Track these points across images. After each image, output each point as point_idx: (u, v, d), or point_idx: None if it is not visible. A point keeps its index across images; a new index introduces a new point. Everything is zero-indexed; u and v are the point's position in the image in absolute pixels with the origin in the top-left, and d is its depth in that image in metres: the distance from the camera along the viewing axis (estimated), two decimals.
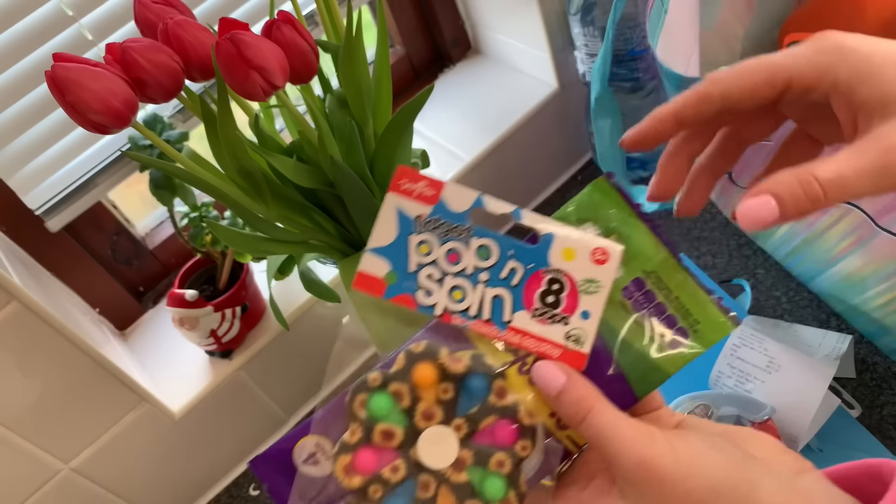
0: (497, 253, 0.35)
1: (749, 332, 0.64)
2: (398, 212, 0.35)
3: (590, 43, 0.78)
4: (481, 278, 0.35)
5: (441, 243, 0.35)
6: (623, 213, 0.37)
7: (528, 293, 0.35)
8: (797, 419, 0.60)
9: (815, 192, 0.28)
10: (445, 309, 0.34)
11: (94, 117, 0.45)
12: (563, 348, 0.34)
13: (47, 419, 0.64)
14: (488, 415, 0.34)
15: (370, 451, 0.33)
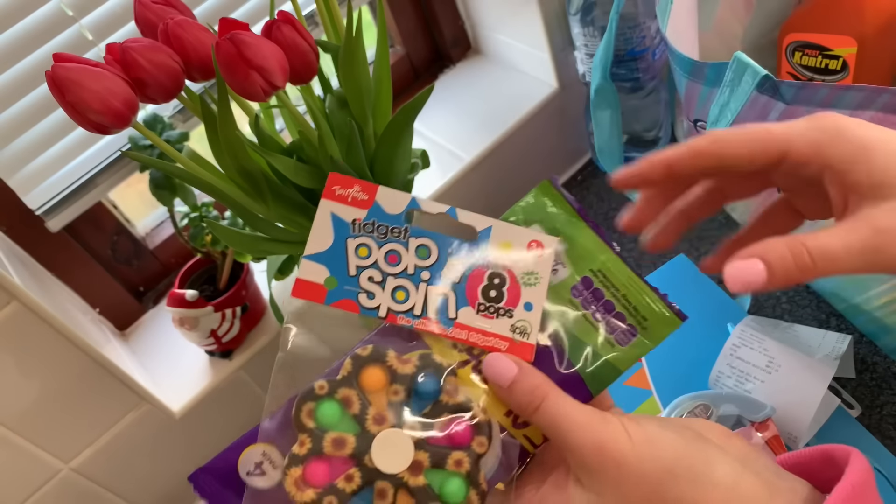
0: (436, 252, 0.35)
1: (749, 332, 0.64)
2: (333, 217, 0.35)
3: (590, 43, 0.78)
4: (423, 277, 0.35)
5: (380, 245, 0.35)
6: (567, 215, 0.38)
7: (471, 289, 0.35)
8: (797, 419, 0.60)
9: (805, 262, 0.29)
10: (389, 310, 0.34)
11: (94, 117, 0.45)
12: (511, 341, 0.34)
13: (47, 419, 0.64)
14: (441, 414, 0.33)
15: (322, 461, 0.32)
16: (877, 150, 0.29)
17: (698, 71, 0.58)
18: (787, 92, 0.52)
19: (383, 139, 0.54)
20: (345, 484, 0.31)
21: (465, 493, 0.32)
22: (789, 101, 0.53)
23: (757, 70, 0.51)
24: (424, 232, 0.35)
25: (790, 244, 0.29)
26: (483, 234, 0.36)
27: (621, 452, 0.30)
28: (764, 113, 0.56)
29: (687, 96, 0.63)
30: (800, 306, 0.72)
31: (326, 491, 0.31)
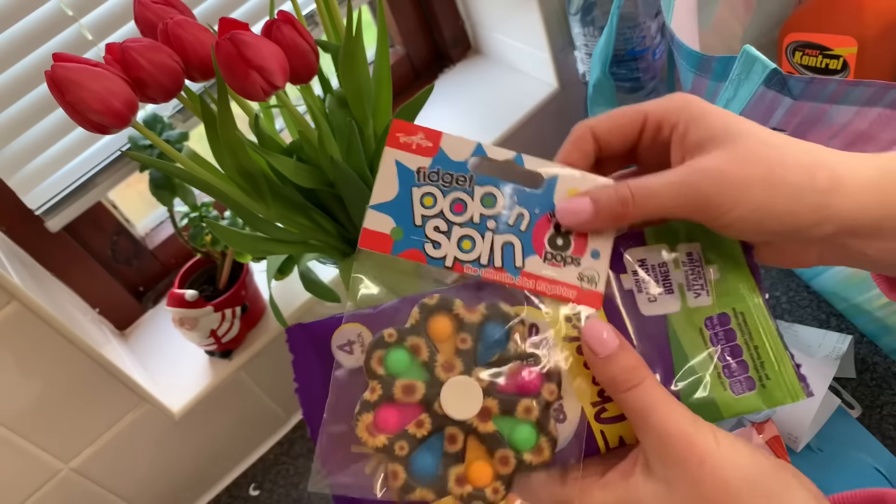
0: (503, 200, 0.34)
1: None
2: (398, 165, 0.34)
3: (590, 43, 0.78)
4: (489, 226, 0.34)
5: (445, 194, 0.34)
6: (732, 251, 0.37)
7: (538, 238, 0.34)
8: (797, 419, 0.60)
9: (626, 195, 0.32)
10: (456, 259, 0.34)
11: (93, 117, 0.45)
12: (578, 289, 0.34)
13: (47, 419, 0.64)
14: (510, 362, 0.33)
15: (392, 408, 0.32)
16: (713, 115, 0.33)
17: (706, 65, 0.58)
18: (796, 87, 0.52)
19: (383, 139, 0.54)
20: (415, 429, 0.32)
21: (536, 439, 0.32)
22: (797, 96, 0.53)
23: (766, 63, 0.50)
24: (490, 179, 0.34)
25: (617, 184, 0.32)
26: (549, 182, 0.34)
27: (708, 451, 0.30)
28: (771, 108, 0.56)
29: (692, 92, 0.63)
30: (800, 306, 0.72)
31: (397, 437, 0.31)
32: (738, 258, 0.37)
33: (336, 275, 0.77)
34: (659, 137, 0.34)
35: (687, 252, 0.37)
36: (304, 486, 0.77)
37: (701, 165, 0.32)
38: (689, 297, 0.36)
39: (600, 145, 0.35)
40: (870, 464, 0.59)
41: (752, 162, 0.31)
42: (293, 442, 0.80)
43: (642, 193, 0.32)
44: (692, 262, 0.36)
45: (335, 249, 0.59)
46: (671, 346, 0.35)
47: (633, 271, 0.36)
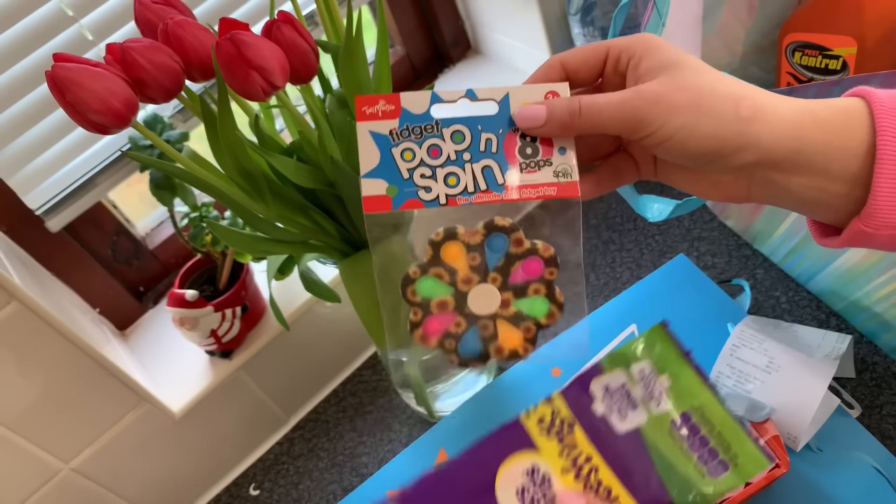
0: (469, 133, 0.38)
1: (749, 333, 0.64)
2: (372, 134, 0.38)
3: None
4: (465, 158, 0.38)
5: (419, 144, 0.38)
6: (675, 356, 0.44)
7: (509, 153, 0.38)
8: (797, 419, 0.60)
9: (574, 108, 0.36)
10: (447, 196, 0.39)
11: (94, 117, 0.45)
12: (557, 185, 0.39)
13: (47, 419, 0.64)
14: (514, 262, 0.40)
15: (433, 319, 0.39)
16: (663, 49, 0.37)
17: None
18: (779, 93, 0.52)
19: None
20: (455, 328, 0.39)
21: (548, 307, 0.40)
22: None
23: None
24: (453, 119, 0.38)
25: (570, 98, 0.37)
26: (503, 103, 0.38)
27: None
28: None
29: None
30: (799, 306, 0.72)
31: (444, 336, 0.39)
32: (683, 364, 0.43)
33: (336, 275, 0.77)
34: (619, 67, 0.38)
35: (640, 370, 0.43)
36: (304, 486, 0.77)
37: (642, 89, 0.36)
38: (651, 407, 0.43)
39: (569, 74, 0.39)
40: (869, 463, 0.59)
41: (685, 88, 0.35)
42: (293, 442, 0.81)
43: (589, 108, 0.36)
44: (646, 378, 0.43)
45: (335, 249, 0.59)
46: (650, 454, 0.41)
47: (601, 398, 0.42)
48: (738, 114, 0.35)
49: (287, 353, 0.79)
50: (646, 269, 0.80)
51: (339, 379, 0.84)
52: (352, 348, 0.85)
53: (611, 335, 0.73)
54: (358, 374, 0.84)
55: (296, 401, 0.83)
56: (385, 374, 0.83)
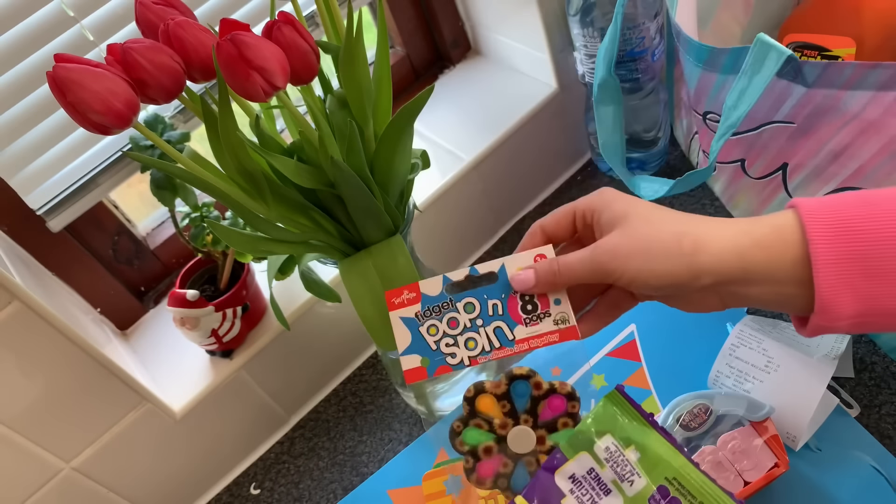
0: (478, 302, 0.45)
1: (748, 332, 0.64)
2: (402, 319, 0.46)
3: (589, 44, 0.78)
4: (478, 324, 0.45)
5: (440, 320, 0.46)
6: (637, 423, 0.46)
7: (513, 312, 0.45)
8: (796, 419, 0.60)
9: (554, 269, 0.44)
10: (469, 358, 0.45)
11: (95, 118, 0.45)
12: (558, 331, 0.45)
13: (48, 418, 0.64)
14: (539, 402, 0.46)
15: (483, 464, 0.47)
16: (617, 203, 0.43)
17: (714, 59, 0.57)
18: (811, 73, 0.51)
19: (383, 140, 0.55)
20: (504, 468, 0.46)
21: None
22: (811, 84, 0.52)
23: (781, 51, 0.50)
24: (464, 293, 0.46)
25: (550, 260, 0.44)
26: (501, 271, 0.46)
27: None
28: (781, 99, 0.55)
29: (698, 88, 0.62)
30: None
31: (496, 476, 0.46)
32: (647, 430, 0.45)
33: (336, 275, 0.77)
34: (586, 222, 0.45)
35: (604, 448, 0.45)
36: (305, 485, 0.77)
37: (601, 244, 0.42)
38: (625, 488, 0.44)
39: (549, 236, 0.47)
40: (868, 463, 0.60)
41: (635, 237, 0.41)
42: (294, 441, 0.81)
43: (565, 266, 0.44)
44: (613, 456, 0.45)
45: (336, 249, 0.59)
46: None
47: (570, 490, 0.44)
48: (682, 250, 0.40)
49: (288, 352, 0.79)
50: None
51: (340, 378, 0.85)
52: (352, 348, 0.85)
53: (610, 335, 0.73)
54: (358, 373, 0.84)
55: (296, 400, 0.83)
56: (385, 374, 0.83)
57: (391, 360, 0.71)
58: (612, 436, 0.44)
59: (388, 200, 0.57)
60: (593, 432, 0.45)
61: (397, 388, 0.79)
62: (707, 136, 0.66)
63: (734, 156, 0.65)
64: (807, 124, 0.56)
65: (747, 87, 0.53)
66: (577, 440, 0.45)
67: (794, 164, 0.60)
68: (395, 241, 0.57)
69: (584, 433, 0.45)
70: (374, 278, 0.56)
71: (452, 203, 0.84)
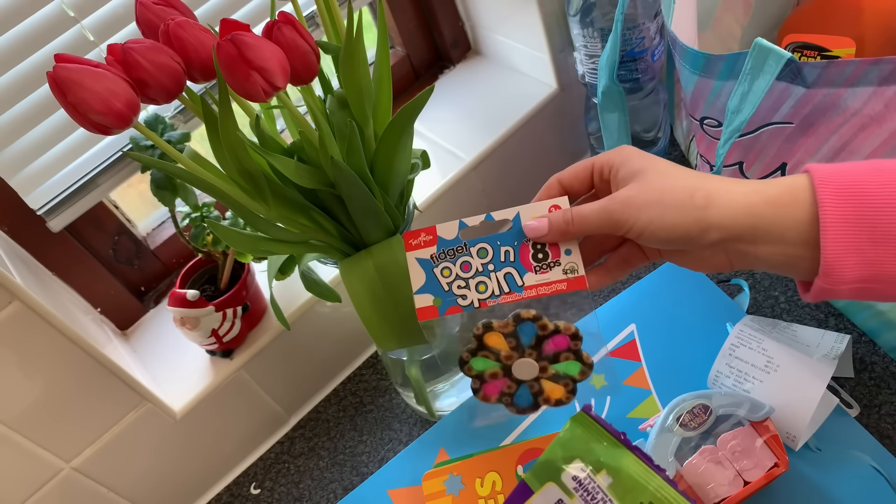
0: (491, 248, 0.47)
1: (748, 332, 0.64)
2: (417, 260, 0.48)
3: (589, 44, 0.78)
4: (490, 269, 0.47)
5: (453, 262, 0.47)
6: (608, 445, 0.46)
7: (524, 260, 0.47)
8: (796, 418, 0.60)
9: (568, 218, 0.45)
10: (479, 300, 0.47)
11: (95, 118, 0.45)
12: (566, 280, 0.46)
13: (49, 418, 0.65)
14: (543, 340, 0.48)
15: (489, 385, 0.49)
16: (635, 159, 0.44)
17: (711, 66, 0.57)
18: (811, 74, 0.51)
19: (384, 140, 0.55)
20: (507, 389, 0.48)
21: (579, 367, 0.48)
22: (811, 84, 0.52)
23: (780, 54, 0.50)
24: (478, 239, 0.47)
25: (564, 210, 0.46)
26: (515, 220, 0.47)
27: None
28: (779, 101, 0.56)
29: (694, 94, 0.62)
30: (798, 306, 0.72)
31: (501, 394, 0.48)
32: (620, 452, 0.44)
33: (336, 274, 0.77)
34: (603, 177, 0.46)
35: (572, 476, 0.45)
36: (305, 485, 0.77)
37: (616, 195, 0.43)
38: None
39: (566, 189, 0.48)
40: (868, 463, 0.60)
41: (649, 189, 0.42)
42: (294, 441, 0.81)
43: (578, 216, 0.45)
44: (583, 484, 0.45)
45: (336, 249, 0.59)
46: None
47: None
48: (694, 203, 0.41)
49: (288, 352, 0.79)
50: (645, 269, 0.80)
51: (340, 378, 0.85)
52: (352, 348, 0.85)
53: (610, 335, 0.74)
54: (358, 373, 0.84)
55: (296, 400, 0.83)
56: (385, 374, 0.83)
57: (391, 359, 0.71)
58: (582, 461, 0.44)
59: (388, 200, 0.57)
60: (560, 459, 0.44)
61: (397, 388, 0.79)
62: (705, 141, 0.67)
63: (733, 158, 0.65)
64: (806, 124, 0.56)
65: (749, 91, 0.53)
66: (542, 470, 0.44)
67: (794, 163, 0.60)
68: (395, 241, 0.57)
69: (550, 462, 0.44)
70: (374, 278, 0.56)
71: (452, 203, 0.84)
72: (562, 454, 0.44)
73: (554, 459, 0.44)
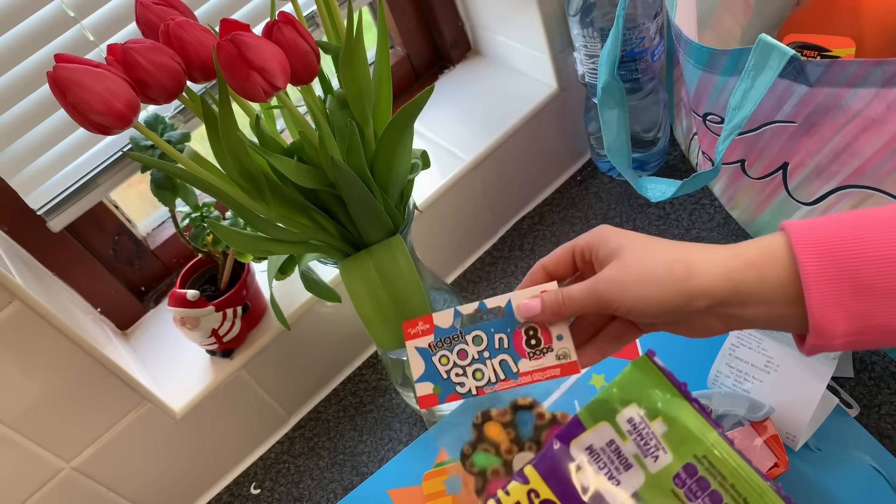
0: (485, 336, 0.48)
1: (747, 332, 0.64)
2: (416, 349, 0.49)
3: (589, 44, 0.78)
4: (485, 356, 0.48)
5: (451, 351, 0.48)
6: (667, 394, 0.41)
7: (518, 347, 0.47)
8: (796, 418, 0.60)
9: (559, 300, 0.46)
10: (476, 388, 0.48)
11: (95, 118, 0.45)
12: (559, 366, 0.47)
13: (49, 418, 0.65)
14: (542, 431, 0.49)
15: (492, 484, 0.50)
16: (613, 238, 0.45)
17: (715, 61, 0.57)
18: (814, 72, 0.51)
19: (384, 140, 0.55)
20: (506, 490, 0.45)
21: None
22: (814, 83, 0.52)
23: (784, 51, 0.50)
24: (473, 327, 0.49)
25: (555, 291, 0.47)
26: (507, 307, 0.48)
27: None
28: (782, 99, 0.55)
29: (698, 90, 0.62)
30: None
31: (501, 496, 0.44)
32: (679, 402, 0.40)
33: (336, 274, 0.77)
34: (585, 258, 0.47)
35: (628, 419, 0.40)
36: (305, 485, 0.77)
37: (600, 276, 0.44)
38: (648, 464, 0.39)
39: (550, 274, 0.48)
40: (867, 463, 0.60)
41: (631, 268, 0.43)
42: (294, 441, 0.81)
43: (568, 296, 0.45)
44: (637, 427, 0.40)
45: (336, 249, 0.59)
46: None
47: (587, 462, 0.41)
48: (674, 276, 0.41)
49: (288, 352, 0.79)
50: None
51: (340, 378, 0.85)
52: (352, 348, 0.85)
53: None
54: (358, 373, 0.84)
55: (296, 400, 0.83)
56: (385, 374, 0.83)
57: (391, 359, 0.71)
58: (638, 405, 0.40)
59: (388, 200, 0.57)
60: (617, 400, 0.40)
61: (397, 388, 0.79)
62: (707, 138, 0.66)
63: (734, 156, 0.65)
64: (808, 123, 0.56)
65: (751, 88, 0.53)
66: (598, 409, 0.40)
67: (795, 163, 0.60)
68: (395, 241, 0.57)
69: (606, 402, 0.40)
70: (374, 278, 0.56)
71: (452, 203, 0.84)
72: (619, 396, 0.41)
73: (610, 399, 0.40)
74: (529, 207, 0.93)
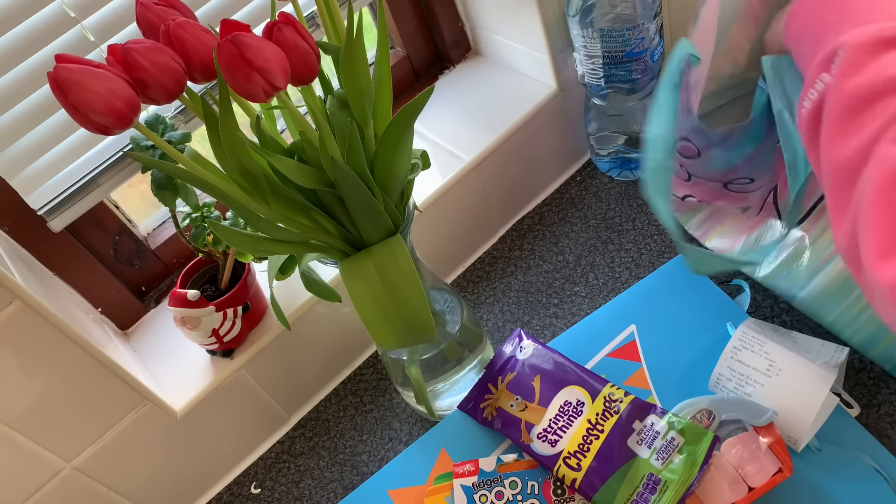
0: (520, 481, 0.60)
1: (750, 335, 0.64)
2: (461, 486, 0.61)
3: (589, 44, 0.78)
4: (518, 499, 0.60)
5: (490, 491, 0.61)
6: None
7: (546, 493, 0.60)
8: (798, 422, 0.60)
9: None
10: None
11: (96, 118, 0.45)
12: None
13: (49, 418, 0.65)
14: None
15: None
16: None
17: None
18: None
19: (384, 140, 0.55)
20: None
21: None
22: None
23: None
24: (510, 473, 0.61)
25: None
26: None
27: None
28: None
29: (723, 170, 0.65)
30: (797, 318, 0.72)
31: None
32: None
33: (337, 274, 0.77)
34: None
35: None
36: (306, 485, 0.77)
37: None
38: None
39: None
40: (868, 462, 0.60)
41: None
42: (294, 440, 0.81)
43: None
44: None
45: (336, 249, 0.59)
46: None
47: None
48: None
49: (288, 352, 0.79)
50: (645, 270, 0.80)
51: (340, 378, 0.85)
52: (352, 347, 0.85)
53: (610, 336, 0.74)
54: (358, 373, 0.85)
55: (297, 399, 0.84)
56: (385, 374, 0.83)
57: (391, 359, 0.71)
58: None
59: (388, 200, 0.57)
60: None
61: (397, 388, 0.79)
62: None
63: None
64: None
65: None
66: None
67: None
68: (395, 241, 0.58)
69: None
70: (374, 278, 0.56)
71: (452, 203, 0.84)
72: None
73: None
74: (529, 207, 0.93)
